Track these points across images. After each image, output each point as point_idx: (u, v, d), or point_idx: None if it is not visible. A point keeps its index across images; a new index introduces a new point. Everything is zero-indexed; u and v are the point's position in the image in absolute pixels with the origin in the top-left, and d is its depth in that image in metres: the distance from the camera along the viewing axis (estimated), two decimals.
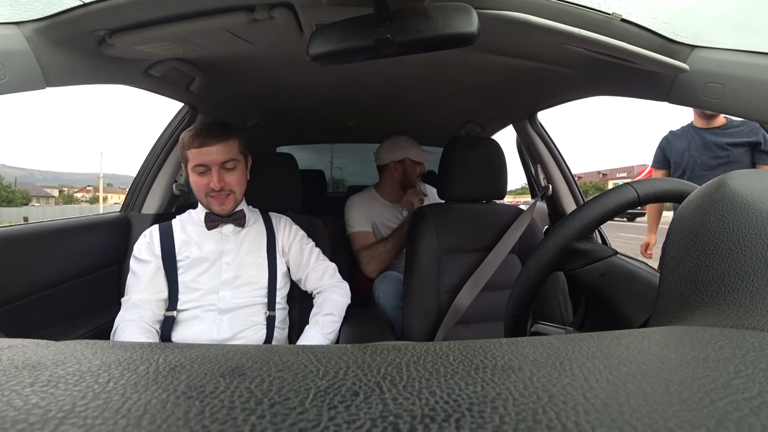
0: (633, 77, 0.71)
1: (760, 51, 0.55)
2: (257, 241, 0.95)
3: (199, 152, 0.84)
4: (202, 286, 0.87)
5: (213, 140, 0.84)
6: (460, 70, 0.99)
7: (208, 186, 0.85)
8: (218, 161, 0.84)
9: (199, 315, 0.86)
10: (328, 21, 0.55)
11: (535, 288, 0.53)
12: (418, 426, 0.11)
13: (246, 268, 0.91)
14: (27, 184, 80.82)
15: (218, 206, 0.88)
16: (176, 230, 0.91)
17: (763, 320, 0.19)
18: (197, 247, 0.89)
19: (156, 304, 0.84)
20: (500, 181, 1.10)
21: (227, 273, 0.89)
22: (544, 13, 0.59)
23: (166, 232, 0.91)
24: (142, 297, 0.83)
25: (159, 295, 0.85)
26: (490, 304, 1.01)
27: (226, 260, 0.90)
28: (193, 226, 0.92)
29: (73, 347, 0.18)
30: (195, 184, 0.88)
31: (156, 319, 0.84)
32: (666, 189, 0.48)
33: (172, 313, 0.86)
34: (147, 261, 0.87)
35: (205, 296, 0.87)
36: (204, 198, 0.88)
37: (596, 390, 0.13)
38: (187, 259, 0.88)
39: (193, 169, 0.86)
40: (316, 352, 0.18)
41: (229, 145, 0.86)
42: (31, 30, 0.59)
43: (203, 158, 0.84)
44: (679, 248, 0.27)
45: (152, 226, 0.93)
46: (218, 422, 0.11)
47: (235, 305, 0.88)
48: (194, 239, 0.90)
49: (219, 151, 0.84)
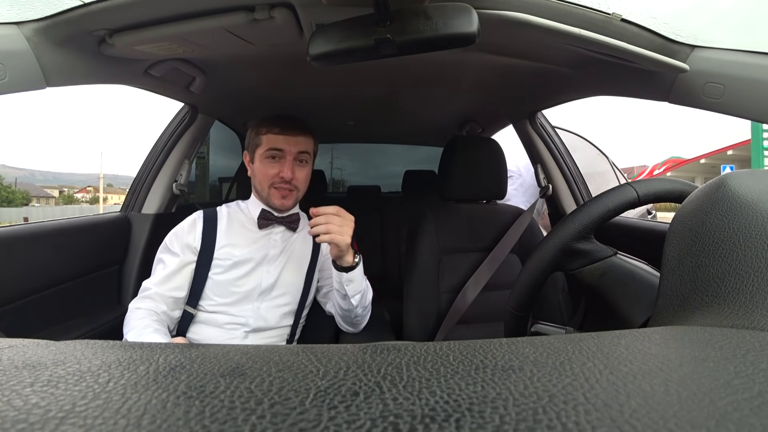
0: (633, 77, 0.71)
1: (760, 51, 0.55)
2: (304, 253, 0.89)
3: (278, 138, 0.81)
4: (237, 289, 0.81)
5: (295, 130, 0.82)
6: (460, 70, 0.99)
7: (277, 175, 0.82)
8: (295, 150, 0.82)
9: (221, 324, 0.80)
10: (328, 21, 0.55)
11: (535, 288, 0.53)
12: (418, 426, 0.11)
13: (285, 277, 0.85)
14: (27, 184, 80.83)
15: (279, 199, 0.84)
16: (221, 224, 0.85)
17: (763, 320, 0.19)
18: (241, 248, 0.83)
19: (174, 302, 0.79)
20: (500, 181, 1.10)
21: (267, 280, 0.83)
22: (544, 13, 0.59)
23: (210, 224, 0.84)
24: (159, 291, 0.78)
25: (177, 292, 0.79)
26: (491, 304, 1.01)
27: (268, 268, 0.84)
28: (241, 222, 0.86)
29: (73, 347, 0.18)
30: (261, 173, 0.83)
31: (170, 317, 0.79)
32: (666, 189, 0.48)
33: (193, 310, 0.81)
34: (175, 254, 0.81)
35: (236, 305, 0.81)
36: (267, 189, 0.83)
37: (596, 390, 0.13)
38: (227, 261, 0.81)
39: (263, 154, 0.82)
40: (316, 352, 0.18)
41: (308, 139, 0.85)
42: (31, 30, 0.59)
43: (281, 143, 0.81)
44: (679, 248, 0.27)
45: (197, 212, 0.86)
46: (218, 422, 0.11)
47: (266, 324, 0.83)
48: (239, 240, 0.84)
49: (299, 141, 0.83)
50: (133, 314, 0.75)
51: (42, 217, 30.58)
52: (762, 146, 10.59)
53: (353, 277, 0.79)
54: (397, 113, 1.50)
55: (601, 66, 0.71)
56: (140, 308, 0.76)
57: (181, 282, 0.80)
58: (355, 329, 0.89)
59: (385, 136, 2.05)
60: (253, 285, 0.82)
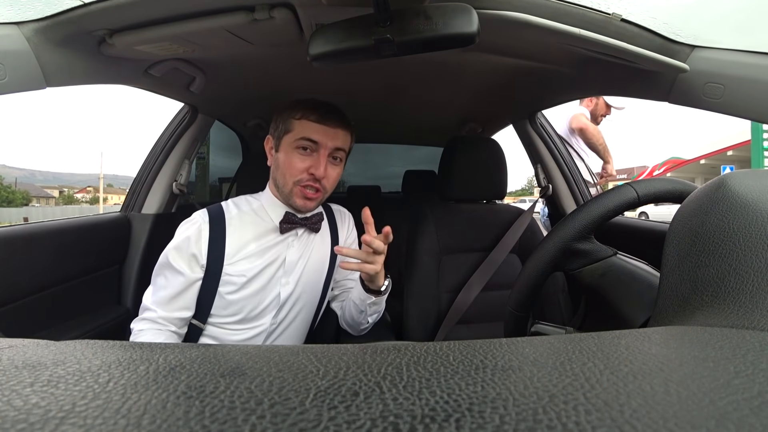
0: (633, 77, 0.71)
1: (760, 51, 0.55)
2: (322, 256, 0.81)
3: (314, 127, 0.69)
4: (252, 306, 0.72)
5: (335, 121, 0.71)
6: (460, 70, 0.99)
7: (307, 171, 0.70)
8: (332, 146, 0.71)
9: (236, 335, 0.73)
10: (328, 21, 0.55)
11: (535, 288, 0.53)
12: (418, 426, 0.11)
13: (304, 286, 0.78)
14: (27, 184, 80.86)
15: (303, 200, 0.72)
16: (231, 229, 0.71)
17: (763, 320, 0.19)
18: (255, 259, 0.71)
19: (181, 321, 0.70)
20: (500, 181, 1.10)
21: (285, 292, 0.75)
22: (544, 13, 0.59)
23: (217, 231, 0.70)
24: (164, 315, 0.68)
25: (185, 312, 0.70)
26: (491, 304, 1.01)
27: (287, 279, 0.75)
28: (255, 227, 0.73)
29: (73, 347, 0.18)
30: (288, 165, 0.70)
31: (179, 334, 0.71)
32: (666, 189, 0.48)
33: (201, 324, 0.72)
34: (179, 272, 0.68)
35: (250, 321, 0.73)
36: (291, 186, 0.71)
37: (597, 390, 0.13)
38: (241, 278, 0.70)
39: (293, 143, 0.70)
40: (316, 352, 0.18)
41: (347, 134, 0.74)
42: (31, 30, 0.59)
43: (317, 135, 0.69)
44: (679, 248, 0.27)
45: (201, 215, 0.72)
46: (218, 422, 0.11)
47: (280, 334, 0.77)
48: (253, 248, 0.72)
49: (337, 135, 0.71)
50: (138, 338, 0.68)
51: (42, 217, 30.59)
52: (762, 146, 10.59)
53: (380, 301, 0.76)
54: (397, 113, 1.50)
55: (601, 66, 0.71)
56: (143, 330, 0.68)
57: (188, 302, 0.70)
58: (358, 334, 0.87)
59: (385, 136, 2.05)
60: (271, 299, 0.74)
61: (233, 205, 0.76)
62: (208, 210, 0.73)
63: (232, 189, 1.93)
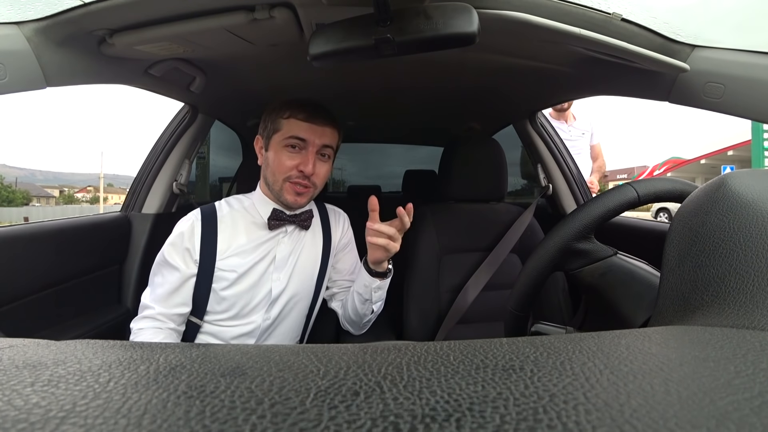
0: (633, 77, 0.71)
1: (760, 51, 0.55)
2: (314, 252, 0.83)
3: (302, 126, 0.72)
4: (245, 302, 0.75)
5: (322, 119, 0.74)
6: (460, 70, 0.99)
7: (296, 168, 0.73)
8: (319, 143, 0.74)
9: (228, 339, 0.75)
10: (328, 21, 0.55)
11: (535, 288, 0.53)
12: (418, 426, 0.11)
13: (296, 282, 0.80)
14: (28, 184, 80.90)
15: (294, 196, 0.74)
16: (222, 226, 0.75)
17: (764, 320, 0.19)
18: (246, 255, 0.75)
19: (180, 317, 0.73)
20: (501, 181, 1.10)
21: (277, 288, 0.77)
22: (544, 13, 0.59)
23: (209, 227, 0.74)
24: (163, 311, 0.71)
25: (182, 308, 0.73)
26: (491, 304, 1.01)
27: (278, 275, 0.77)
28: (246, 224, 0.77)
29: (74, 347, 0.18)
30: (277, 163, 0.74)
31: (178, 331, 0.74)
32: (666, 189, 0.48)
33: (198, 321, 0.75)
34: (175, 268, 0.72)
35: (244, 317, 0.76)
36: (281, 183, 0.74)
37: (597, 390, 0.13)
38: (232, 273, 0.73)
39: (282, 142, 0.73)
40: (316, 351, 0.18)
41: (334, 132, 0.77)
42: (31, 30, 0.59)
43: (305, 133, 0.72)
44: (679, 248, 0.27)
45: (194, 213, 0.76)
46: (219, 422, 0.11)
47: (276, 331, 0.79)
48: (244, 245, 0.75)
49: (325, 133, 0.74)
50: (138, 336, 0.70)
51: (42, 216, 30.61)
52: (762, 146, 10.59)
53: (384, 285, 0.77)
54: (397, 113, 1.50)
55: (601, 66, 0.71)
56: (143, 329, 0.70)
57: (185, 298, 0.73)
58: (359, 331, 0.88)
59: (385, 136, 2.05)
60: (263, 295, 0.76)
61: (225, 204, 0.79)
62: (201, 209, 0.77)
63: (232, 189, 1.93)
